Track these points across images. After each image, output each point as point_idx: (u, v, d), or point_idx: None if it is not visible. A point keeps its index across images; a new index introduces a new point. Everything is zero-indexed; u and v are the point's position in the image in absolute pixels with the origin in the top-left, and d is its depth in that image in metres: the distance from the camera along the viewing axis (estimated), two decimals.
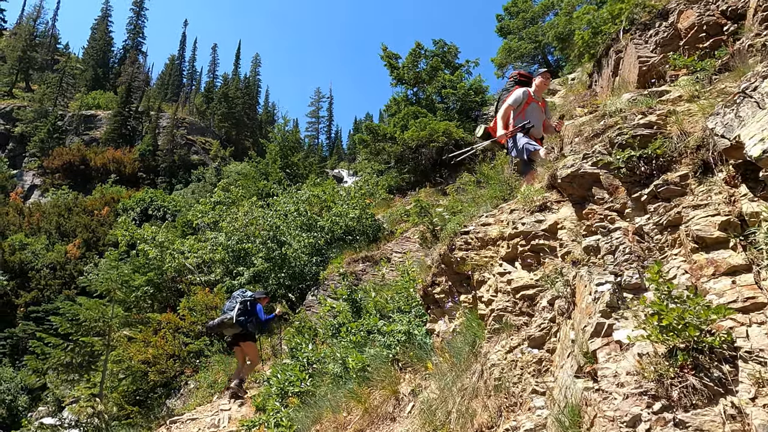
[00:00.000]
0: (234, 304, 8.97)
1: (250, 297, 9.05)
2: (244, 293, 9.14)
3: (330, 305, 7.25)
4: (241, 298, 9.02)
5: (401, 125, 15.65)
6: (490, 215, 5.19)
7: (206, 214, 13.62)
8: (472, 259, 4.79)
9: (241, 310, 8.85)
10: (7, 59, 62.25)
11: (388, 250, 11.29)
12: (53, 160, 46.58)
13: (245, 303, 8.92)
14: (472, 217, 5.43)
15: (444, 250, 5.15)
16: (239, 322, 8.77)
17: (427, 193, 14.59)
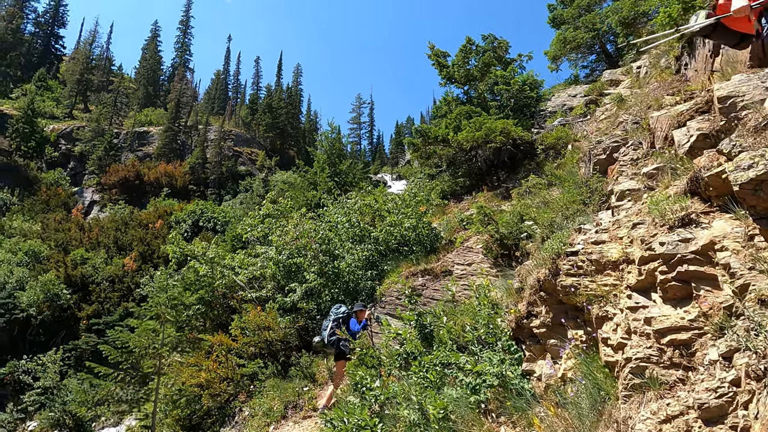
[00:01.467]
0: (328, 322, 8.49)
1: (343, 314, 8.55)
2: (338, 309, 8.62)
3: (395, 331, 6.34)
4: (334, 316, 8.52)
5: (454, 126, 14.62)
6: (602, 230, 4.11)
7: (255, 228, 13.08)
8: (585, 288, 3.73)
9: (333, 329, 8.35)
10: (67, 83, 65.10)
11: (449, 262, 10.31)
12: (110, 176, 48.09)
13: (338, 321, 8.43)
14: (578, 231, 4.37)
15: (544, 274, 4.14)
16: (331, 343, 8.29)
17: (485, 197, 13.50)
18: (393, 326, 7.04)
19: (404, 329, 6.27)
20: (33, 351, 27.20)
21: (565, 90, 17.40)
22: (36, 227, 39.30)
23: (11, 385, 25.68)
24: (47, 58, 72.22)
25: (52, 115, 58.86)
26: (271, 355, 10.36)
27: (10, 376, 25.70)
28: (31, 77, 64.51)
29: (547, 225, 7.80)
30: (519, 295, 4.97)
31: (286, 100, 65.17)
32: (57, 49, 75.11)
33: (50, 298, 29.08)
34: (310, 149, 18.13)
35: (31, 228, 39.08)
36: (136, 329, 8.89)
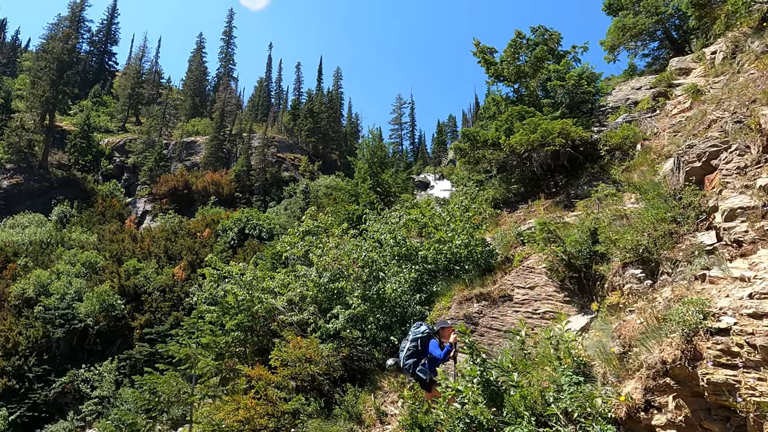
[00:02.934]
0: (405, 343, 7.26)
1: (422, 333, 7.20)
2: (417, 328, 7.30)
3: (453, 387, 5.21)
4: (413, 335, 7.23)
5: (505, 129, 13.26)
6: (763, 296, 2.82)
7: (295, 246, 12.26)
8: (751, 392, 2.49)
9: (411, 351, 7.08)
10: (119, 97, 67.33)
11: (507, 284, 9.06)
12: (160, 186, 49.05)
13: (416, 341, 7.13)
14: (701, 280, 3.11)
15: (673, 356, 2.94)
16: (407, 367, 7.04)
17: (542, 206, 12.12)
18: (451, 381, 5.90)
19: (465, 386, 5.13)
20: (91, 360, 27.69)
21: (626, 82, 15.68)
22: (92, 238, 40.36)
23: (71, 394, 26.18)
24: (101, 74, 75.05)
25: (107, 129, 60.92)
26: (314, 389, 9.44)
27: (70, 384, 26.20)
28: (87, 94, 67.12)
29: (630, 248, 6.45)
30: (623, 365, 3.74)
31: (327, 104, 64.92)
32: (110, 65, 77.98)
33: (106, 308, 29.61)
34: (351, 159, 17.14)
35: (88, 239, 40.17)
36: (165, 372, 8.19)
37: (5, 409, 23.56)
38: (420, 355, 7.07)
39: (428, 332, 7.26)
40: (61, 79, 52.00)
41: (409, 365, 7.02)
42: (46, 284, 30.11)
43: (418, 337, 7.21)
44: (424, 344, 7.14)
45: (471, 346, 5.27)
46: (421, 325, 7.43)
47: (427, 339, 7.18)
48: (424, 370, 6.94)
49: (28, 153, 48.88)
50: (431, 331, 7.31)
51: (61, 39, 53.52)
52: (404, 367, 7.08)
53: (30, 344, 27.05)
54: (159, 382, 7.91)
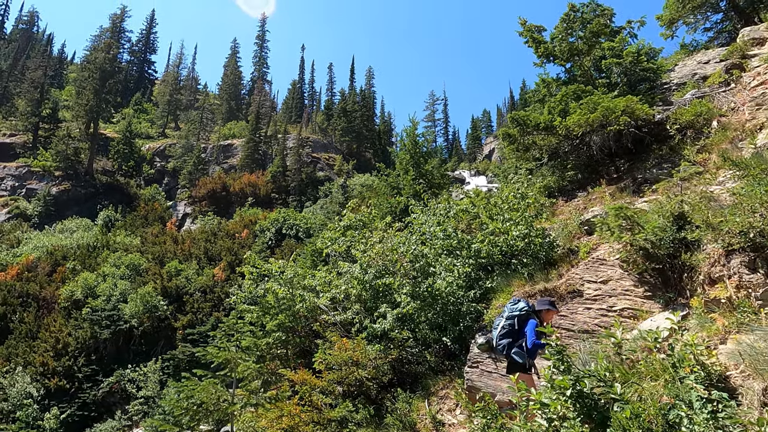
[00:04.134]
0: (500, 320, 6.39)
1: (520, 311, 6.30)
2: (514, 305, 6.39)
3: (537, 399, 4.29)
4: (509, 312, 6.34)
5: (559, 110, 12.12)
6: None
7: (336, 241, 11.53)
8: None
9: (505, 329, 6.21)
10: (159, 104, 68.75)
11: (575, 278, 8.03)
12: (199, 189, 49.59)
13: (512, 320, 6.25)
14: None
15: None
16: (500, 348, 6.17)
17: (604, 192, 10.98)
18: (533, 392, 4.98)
19: (552, 400, 4.22)
20: (136, 361, 27.93)
21: (690, 57, 14.25)
22: (136, 241, 41.05)
23: (118, 394, 26.44)
24: (142, 83, 76.93)
25: (148, 135, 62.21)
26: (362, 395, 8.67)
27: (117, 384, 26.46)
28: (128, 102, 68.85)
29: (737, 233, 5.36)
30: None
31: (360, 102, 64.38)
32: (149, 73, 79.84)
33: (149, 309, 29.88)
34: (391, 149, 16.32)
35: (132, 242, 40.87)
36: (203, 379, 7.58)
37: (57, 408, 23.92)
38: (515, 335, 6.12)
39: (527, 310, 6.25)
40: (103, 88, 53.29)
41: (503, 346, 6.11)
42: (93, 286, 30.65)
43: (515, 314, 6.24)
44: (521, 323, 6.17)
45: (559, 351, 4.35)
46: (518, 301, 6.42)
47: (525, 318, 6.20)
48: (520, 353, 6.00)
49: (74, 160, 50.26)
50: (530, 309, 6.30)
51: (103, 49, 54.88)
52: (497, 347, 6.19)
53: (79, 345, 27.50)
54: (197, 389, 7.31)
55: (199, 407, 7.05)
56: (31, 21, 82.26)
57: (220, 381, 7.60)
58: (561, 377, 4.19)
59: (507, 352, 6.09)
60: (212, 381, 7.43)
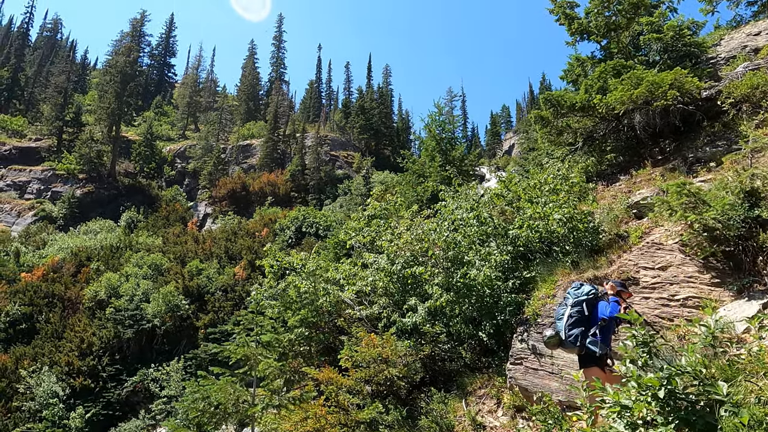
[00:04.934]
0: (564, 309, 5.62)
1: (587, 294, 5.53)
2: (578, 289, 5.64)
3: (616, 400, 3.52)
4: (575, 298, 5.57)
5: (597, 87, 11.22)
6: None
7: (360, 232, 10.85)
8: None
9: (575, 318, 5.44)
10: (179, 106, 69.16)
11: (629, 265, 7.21)
12: (219, 189, 49.56)
13: (580, 305, 5.49)
14: None
15: None
16: (572, 340, 5.38)
17: (649, 175, 10.05)
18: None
19: (635, 401, 3.45)
20: (159, 360, 27.80)
21: (737, 30, 13.20)
22: (158, 241, 41.14)
23: (142, 393, 26.33)
24: (162, 86, 77.55)
25: (168, 137, 62.55)
26: (392, 395, 7.97)
27: (140, 384, 26.35)
28: (149, 105, 69.41)
29: None
30: None
31: (378, 100, 63.71)
32: (169, 76, 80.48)
33: (171, 308, 29.76)
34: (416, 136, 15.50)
35: (154, 242, 40.98)
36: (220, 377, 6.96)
37: (82, 407, 23.88)
38: (587, 322, 5.35)
39: (594, 293, 5.49)
40: (124, 91, 53.66)
41: (575, 336, 5.32)
42: (116, 286, 30.70)
43: (582, 299, 5.46)
44: (591, 308, 5.39)
45: (645, 342, 3.57)
46: (582, 285, 5.66)
47: (594, 301, 5.44)
48: (596, 341, 5.21)
49: (97, 163, 50.69)
50: (597, 292, 5.54)
51: (123, 53, 55.27)
52: (567, 339, 5.39)
53: (103, 344, 27.50)
54: (213, 389, 6.67)
55: (217, 408, 6.44)
56: (54, 28, 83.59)
57: (239, 380, 6.99)
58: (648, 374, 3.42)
59: (580, 343, 5.29)
60: (230, 379, 6.80)
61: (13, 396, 23.58)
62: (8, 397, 23.66)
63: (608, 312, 5.26)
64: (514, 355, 7.11)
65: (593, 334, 5.26)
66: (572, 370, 6.78)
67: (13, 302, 29.58)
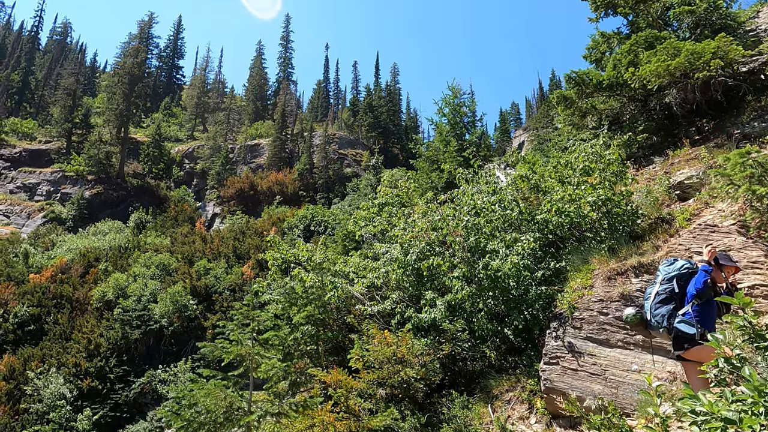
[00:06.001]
0: (652, 287, 4.82)
1: (680, 269, 4.70)
2: (670, 266, 4.79)
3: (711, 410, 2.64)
4: (665, 274, 4.76)
5: (627, 62, 10.21)
6: None
7: (371, 222, 9.96)
8: None
9: (664, 295, 4.65)
10: (187, 107, 68.79)
11: (678, 249, 6.28)
12: (227, 189, 49.00)
13: (672, 282, 4.67)
14: None
15: None
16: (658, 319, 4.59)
17: (688, 155, 9.07)
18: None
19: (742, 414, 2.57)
20: (167, 361, 27.23)
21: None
22: (166, 242, 40.63)
23: (150, 394, 25.72)
24: (170, 88, 77.29)
25: (177, 138, 62.15)
26: (408, 398, 7.09)
27: (148, 385, 25.73)
28: (158, 107, 69.10)
29: None
30: None
31: (386, 98, 62.82)
32: (178, 78, 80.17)
33: (179, 309, 29.19)
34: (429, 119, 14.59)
35: (162, 243, 40.49)
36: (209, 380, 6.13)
37: (89, 409, 23.32)
38: (679, 300, 4.51)
39: (689, 268, 4.63)
40: (132, 92, 53.30)
41: (662, 316, 4.52)
42: (123, 287, 30.22)
43: (673, 275, 4.63)
44: (683, 284, 4.55)
45: (760, 335, 2.67)
46: (676, 261, 4.80)
47: (687, 277, 4.58)
48: (689, 320, 4.34)
49: (106, 164, 50.34)
50: (693, 266, 4.65)
51: (131, 54, 54.93)
52: (653, 318, 4.59)
53: (110, 345, 26.96)
54: (201, 394, 5.78)
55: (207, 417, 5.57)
56: (64, 32, 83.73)
57: (233, 383, 6.15)
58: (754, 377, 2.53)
59: (668, 324, 4.44)
60: (219, 383, 5.93)
61: (21, 398, 23.09)
62: (16, 399, 23.18)
63: (694, 286, 4.35)
64: (548, 354, 6.20)
65: (685, 313, 4.37)
66: (617, 370, 5.86)
67: (21, 303, 29.16)
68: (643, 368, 5.57)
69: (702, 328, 4.23)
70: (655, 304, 4.60)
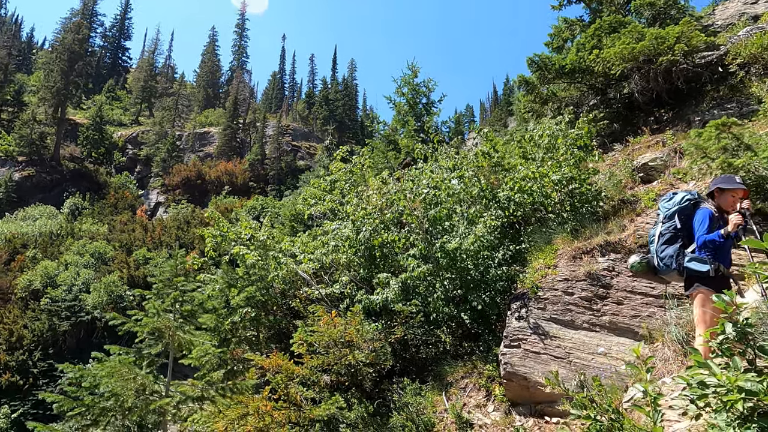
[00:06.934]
0: (656, 229, 4.30)
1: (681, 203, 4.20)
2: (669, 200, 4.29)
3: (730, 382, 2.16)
4: (664, 212, 4.27)
5: (591, 46, 9.99)
6: None
7: (322, 200, 9.21)
8: None
9: (666, 235, 4.15)
10: (133, 91, 65.11)
11: (646, 228, 5.99)
12: (173, 177, 46.67)
13: (673, 218, 4.16)
14: None
15: None
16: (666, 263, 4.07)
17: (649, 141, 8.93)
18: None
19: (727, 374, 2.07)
20: None
21: (732, 1, 12.46)
22: (103, 229, 38.17)
23: None
24: (115, 70, 72.98)
25: (120, 123, 58.65)
26: (356, 386, 6.44)
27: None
28: (101, 89, 64.95)
29: None
30: None
31: (343, 91, 61.83)
32: (124, 60, 75.86)
33: (114, 299, 27.20)
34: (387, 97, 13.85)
35: (99, 230, 37.98)
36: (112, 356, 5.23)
37: (8, 406, 21.26)
38: (685, 236, 4.03)
39: (691, 199, 4.14)
40: (72, 71, 49.68)
41: (670, 257, 4.03)
42: (53, 275, 27.89)
43: (674, 210, 4.13)
44: (687, 218, 4.06)
45: None
46: (675, 194, 4.28)
47: (690, 210, 4.09)
48: (699, 258, 3.84)
49: (39, 145, 46.70)
50: (694, 197, 4.16)
51: (72, 29, 51.20)
52: (660, 262, 4.10)
53: (35, 338, 24.79)
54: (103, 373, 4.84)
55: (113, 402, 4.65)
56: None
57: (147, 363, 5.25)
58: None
59: (678, 264, 3.95)
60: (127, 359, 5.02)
61: None
62: None
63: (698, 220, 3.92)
64: (509, 336, 5.71)
65: (694, 251, 3.90)
66: (582, 353, 5.45)
67: None
68: (609, 351, 5.19)
69: (716, 263, 3.81)
70: (661, 245, 4.13)
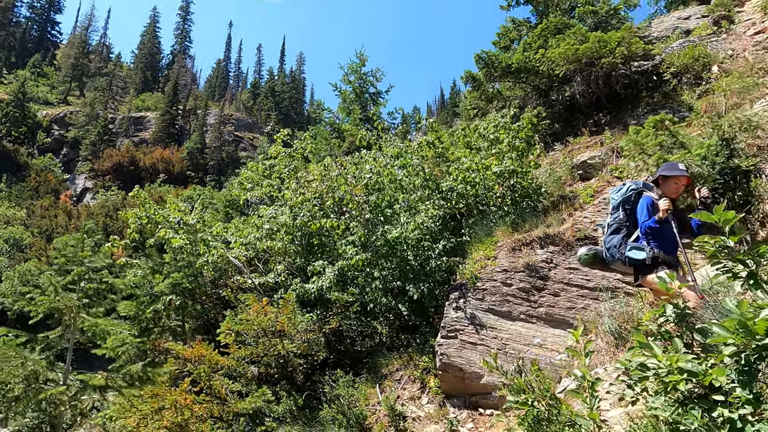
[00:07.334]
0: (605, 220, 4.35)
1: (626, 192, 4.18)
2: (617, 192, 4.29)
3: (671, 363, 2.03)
4: (614, 202, 4.26)
5: (537, 46, 10.12)
6: None
7: (259, 184, 8.71)
8: None
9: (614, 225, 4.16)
10: (62, 68, 60.49)
11: (584, 222, 6.02)
12: (103, 162, 43.77)
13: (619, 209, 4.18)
14: None
15: None
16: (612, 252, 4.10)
17: (588, 142, 9.14)
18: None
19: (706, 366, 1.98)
20: None
21: (666, 15, 13.14)
22: (20, 214, 35.09)
23: None
24: (43, 44, 67.50)
25: (46, 101, 54.24)
26: (286, 379, 6.06)
27: None
28: (25, 63, 59.83)
29: None
30: None
31: (290, 84, 60.52)
32: (53, 35, 70.32)
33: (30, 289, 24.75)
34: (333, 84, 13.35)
35: (15, 214, 34.88)
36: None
37: None
38: (630, 226, 4.07)
39: (636, 189, 4.15)
40: None
41: (614, 247, 4.08)
42: None
43: (619, 201, 4.16)
44: (629, 208, 4.11)
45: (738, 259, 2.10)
46: (623, 186, 4.27)
47: (635, 199, 4.11)
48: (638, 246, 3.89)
49: None
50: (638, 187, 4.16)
51: None
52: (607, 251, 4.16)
53: None
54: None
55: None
56: None
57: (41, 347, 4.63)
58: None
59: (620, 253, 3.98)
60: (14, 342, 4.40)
61: None
62: None
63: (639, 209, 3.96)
64: (447, 327, 5.57)
65: (637, 239, 3.95)
66: (518, 344, 5.38)
67: None
68: (545, 342, 5.16)
69: (653, 250, 3.83)
70: (608, 236, 4.17)
